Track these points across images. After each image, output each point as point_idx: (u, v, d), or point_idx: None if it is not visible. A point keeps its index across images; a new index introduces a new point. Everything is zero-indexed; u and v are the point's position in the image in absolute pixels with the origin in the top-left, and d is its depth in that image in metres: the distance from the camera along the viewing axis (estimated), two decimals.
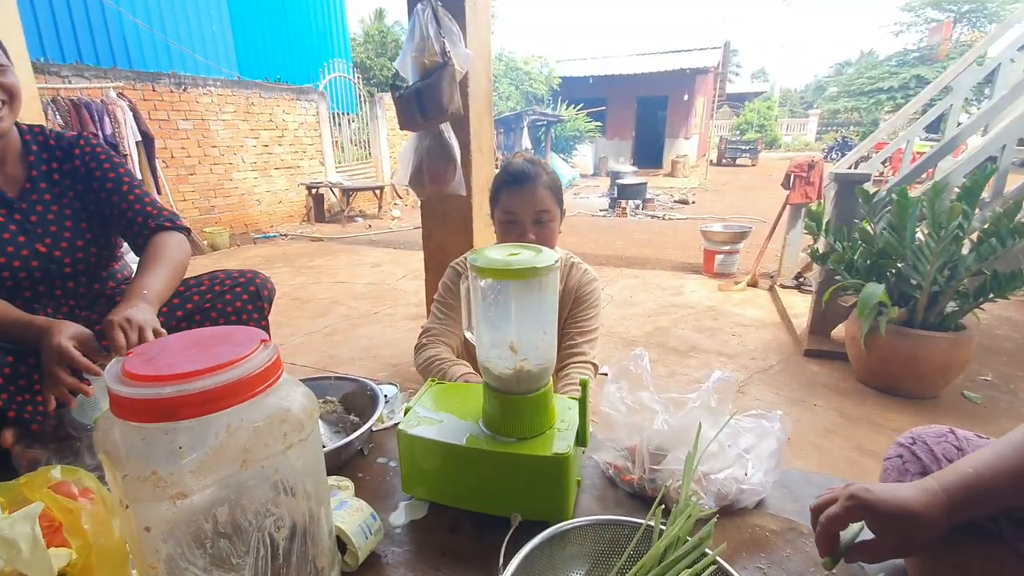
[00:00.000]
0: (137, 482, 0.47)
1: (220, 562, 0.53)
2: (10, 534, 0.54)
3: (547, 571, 0.67)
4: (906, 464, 0.70)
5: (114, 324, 0.95)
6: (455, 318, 1.39)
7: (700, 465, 0.80)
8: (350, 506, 0.76)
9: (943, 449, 0.68)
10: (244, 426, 0.52)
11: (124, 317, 0.97)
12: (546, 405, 0.81)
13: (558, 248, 1.44)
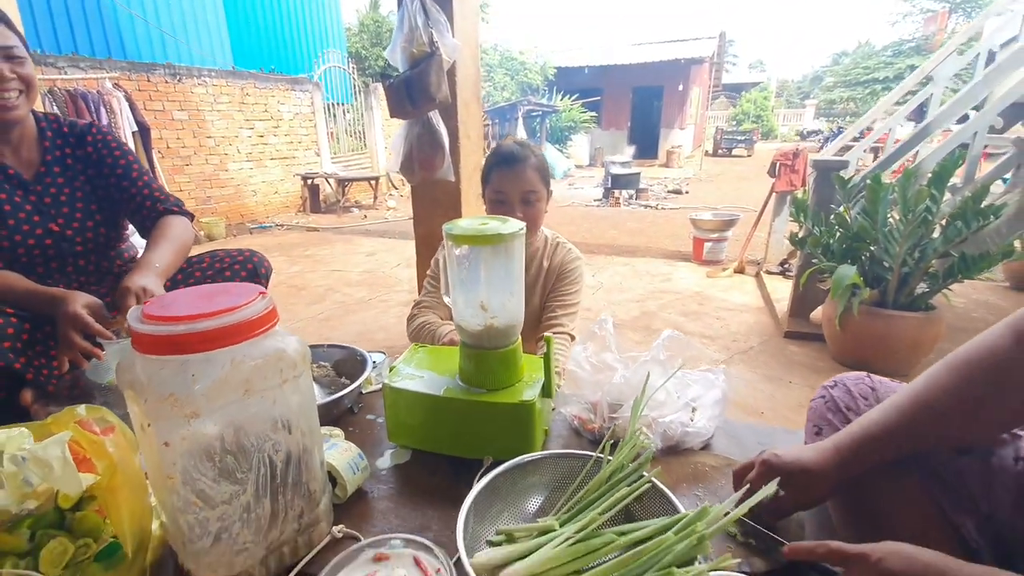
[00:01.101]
0: (157, 403, 0.57)
1: (227, 475, 0.62)
2: (43, 455, 0.63)
3: (510, 496, 0.77)
4: (827, 403, 0.80)
5: (129, 291, 1.05)
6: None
7: (650, 412, 0.90)
8: (340, 447, 0.86)
9: (859, 390, 0.78)
10: (246, 361, 0.61)
11: (139, 286, 1.06)
12: (515, 360, 0.91)
13: (545, 229, 1.53)
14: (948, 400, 0.63)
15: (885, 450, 0.66)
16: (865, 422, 0.68)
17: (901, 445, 0.66)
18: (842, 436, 0.69)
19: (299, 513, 0.71)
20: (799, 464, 0.68)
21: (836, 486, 0.68)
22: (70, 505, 0.67)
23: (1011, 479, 0.65)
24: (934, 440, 0.66)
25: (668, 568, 0.57)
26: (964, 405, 0.63)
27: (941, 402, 0.63)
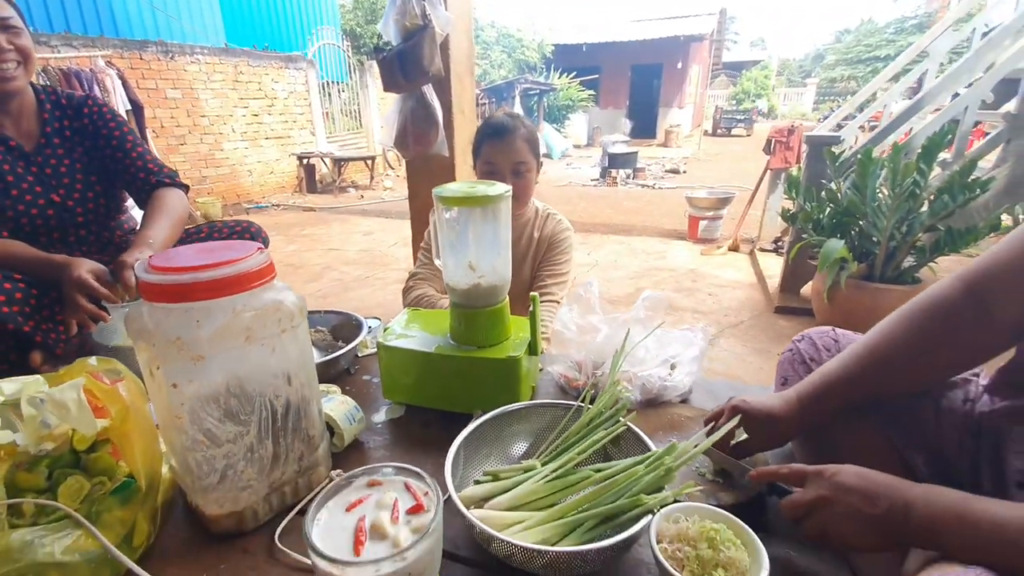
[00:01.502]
0: (165, 347, 0.61)
1: (232, 417, 0.67)
2: (60, 398, 0.67)
3: (497, 442, 0.82)
4: (794, 356, 0.85)
5: (127, 265, 1.09)
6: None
7: (631, 367, 0.95)
8: (337, 400, 0.91)
9: (824, 342, 0.83)
10: (247, 310, 0.65)
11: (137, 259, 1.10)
12: (502, 318, 0.96)
13: (535, 201, 1.56)
14: (900, 348, 0.68)
15: (843, 396, 0.71)
16: (825, 371, 0.73)
17: (858, 391, 0.71)
18: (804, 385, 0.74)
19: (299, 456, 0.76)
20: (764, 410, 0.74)
21: (798, 430, 0.74)
22: (85, 447, 0.72)
23: (959, 419, 0.70)
24: (888, 385, 0.70)
25: (637, 495, 0.62)
26: (915, 352, 0.68)
27: (894, 350, 0.68)
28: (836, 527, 0.57)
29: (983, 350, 0.66)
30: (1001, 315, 0.63)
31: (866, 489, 0.56)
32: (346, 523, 0.52)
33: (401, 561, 0.47)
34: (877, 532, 0.55)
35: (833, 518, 0.57)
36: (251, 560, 0.69)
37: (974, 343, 0.66)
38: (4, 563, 0.57)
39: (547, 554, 0.59)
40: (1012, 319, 0.62)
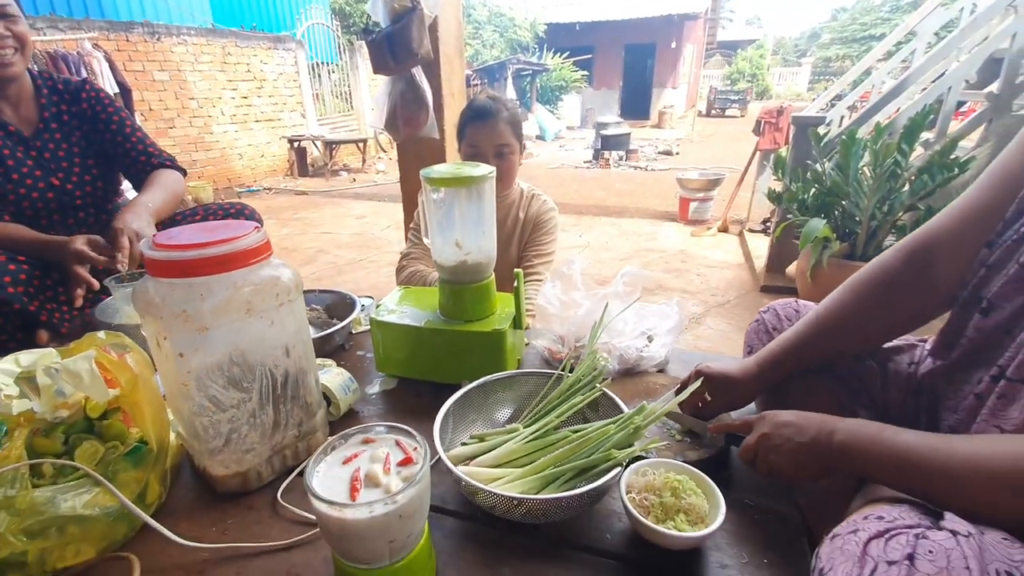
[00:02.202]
0: (171, 319, 0.66)
1: (235, 383, 0.72)
2: (74, 368, 0.72)
3: (483, 408, 0.88)
4: (759, 326, 0.91)
5: (121, 231, 1.13)
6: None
7: (610, 339, 1.00)
8: (333, 372, 0.96)
9: (786, 312, 0.89)
10: (247, 285, 0.70)
11: (131, 228, 1.14)
12: (488, 294, 1.01)
13: (520, 182, 1.60)
14: (848, 314, 0.74)
15: (798, 360, 0.77)
16: (782, 338, 0.79)
17: (811, 355, 0.77)
18: (763, 351, 0.80)
19: (298, 422, 0.82)
20: (725, 374, 0.80)
21: (757, 391, 0.80)
22: (98, 415, 0.77)
23: (903, 381, 0.77)
24: (838, 349, 0.77)
25: (608, 451, 0.69)
26: (861, 318, 0.74)
27: (842, 317, 0.74)
28: (776, 459, 0.64)
29: (921, 314, 0.72)
30: (937, 281, 0.69)
31: (797, 422, 0.63)
32: (343, 474, 0.58)
33: (392, 504, 0.53)
34: (807, 458, 0.62)
35: (773, 451, 0.65)
36: (256, 515, 0.75)
37: (912, 308, 0.72)
38: (30, 516, 0.62)
39: (526, 502, 0.65)
40: (947, 285, 0.68)
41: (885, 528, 0.47)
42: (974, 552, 0.42)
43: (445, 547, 0.68)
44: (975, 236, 0.66)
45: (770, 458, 0.65)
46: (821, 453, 0.60)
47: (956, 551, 0.42)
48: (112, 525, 0.68)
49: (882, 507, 0.53)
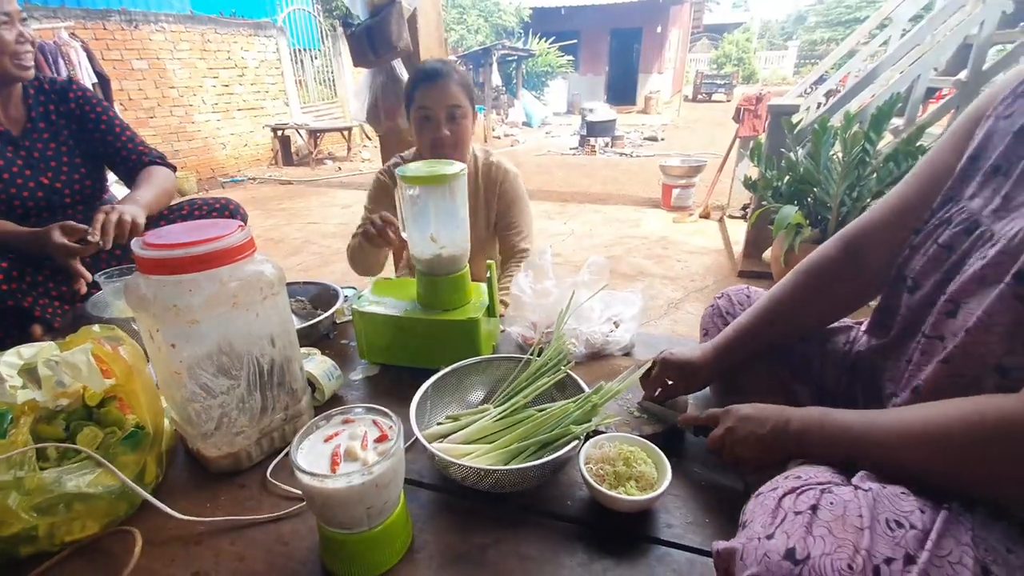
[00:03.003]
0: (163, 313, 0.72)
1: (224, 372, 0.78)
2: (73, 360, 0.78)
3: (457, 391, 0.95)
4: (714, 311, 0.98)
5: (102, 210, 1.17)
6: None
7: (578, 325, 1.07)
8: (317, 360, 1.02)
9: (738, 298, 0.97)
10: (232, 280, 0.76)
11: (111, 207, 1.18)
12: (463, 285, 1.07)
13: (475, 146, 1.57)
14: (794, 300, 0.81)
15: (750, 344, 0.85)
16: (736, 324, 0.86)
17: (761, 339, 0.84)
18: (719, 338, 0.87)
19: (284, 406, 0.88)
20: (684, 359, 0.87)
21: (714, 375, 0.87)
22: (95, 403, 0.83)
23: (839, 359, 0.84)
24: (786, 333, 0.84)
25: (567, 426, 0.76)
26: (803, 304, 0.81)
27: (789, 302, 0.81)
28: (740, 450, 0.71)
29: (857, 299, 0.80)
30: (870, 269, 0.76)
31: (757, 416, 0.70)
32: (325, 450, 0.64)
33: (368, 475, 0.60)
34: (768, 447, 0.68)
35: (738, 443, 0.71)
36: (247, 492, 0.82)
37: (850, 293, 0.80)
38: (40, 494, 0.68)
39: (494, 473, 0.72)
40: (879, 272, 0.75)
41: (799, 485, 0.55)
42: (868, 503, 0.49)
43: (421, 516, 0.75)
44: (904, 226, 0.73)
45: (736, 450, 0.71)
46: (780, 442, 0.65)
47: (853, 502, 0.50)
48: (114, 503, 0.74)
49: (802, 469, 0.61)
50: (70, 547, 0.72)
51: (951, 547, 0.45)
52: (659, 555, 0.68)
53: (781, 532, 0.48)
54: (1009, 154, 0.62)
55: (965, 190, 0.66)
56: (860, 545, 0.44)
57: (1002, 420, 0.49)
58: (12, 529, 0.68)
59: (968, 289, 0.59)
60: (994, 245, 0.58)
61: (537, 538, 0.71)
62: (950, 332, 0.61)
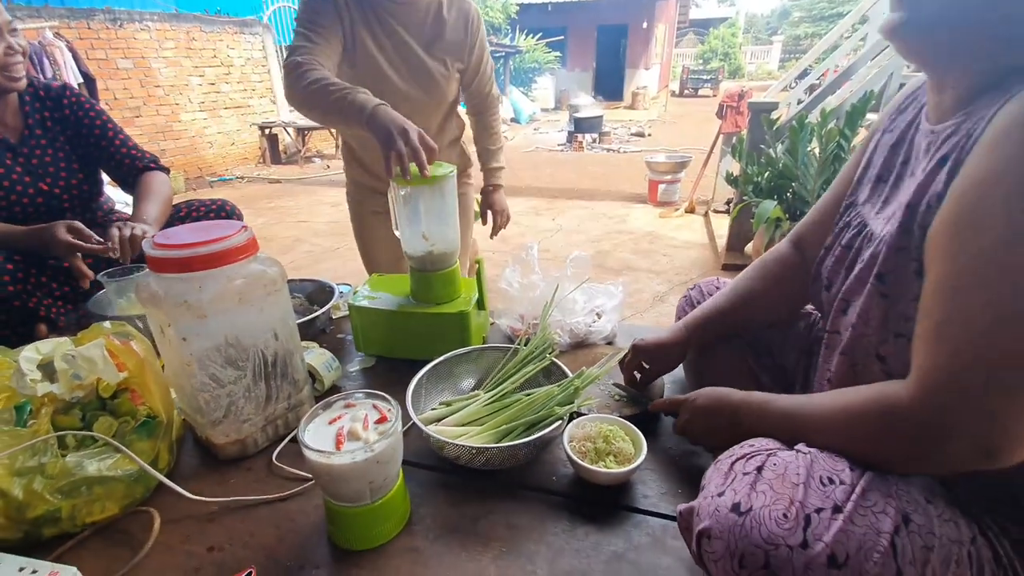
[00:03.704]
0: (174, 308, 0.77)
1: (231, 363, 0.84)
2: (88, 354, 0.83)
3: (450, 379, 1.01)
4: (687, 300, 1.05)
5: (116, 225, 1.21)
6: (330, 41, 1.24)
7: (563, 316, 1.14)
8: (317, 352, 1.08)
9: (708, 289, 1.04)
10: (238, 277, 0.81)
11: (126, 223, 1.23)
12: (453, 280, 1.13)
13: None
14: (749, 290, 0.90)
15: (717, 324, 0.92)
16: (704, 306, 0.94)
17: (726, 321, 0.92)
18: (688, 318, 0.94)
19: (287, 395, 0.94)
20: (657, 342, 0.94)
21: (684, 351, 0.94)
22: (109, 394, 0.88)
23: (799, 342, 0.92)
24: (747, 318, 0.91)
25: (552, 408, 0.82)
26: (760, 292, 0.89)
27: (745, 292, 0.90)
28: (699, 437, 0.79)
29: (805, 291, 0.87)
30: (811, 261, 0.84)
31: (710, 407, 0.76)
32: (330, 431, 0.70)
33: (370, 452, 0.66)
34: (723, 433, 0.75)
35: (698, 431, 0.78)
36: (254, 475, 0.87)
37: (799, 286, 0.87)
38: (63, 477, 0.73)
39: (485, 451, 0.79)
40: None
41: (749, 452, 0.61)
42: (806, 464, 0.56)
43: (419, 493, 0.82)
44: (828, 226, 0.81)
45: (696, 435, 0.79)
46: (732, 428, 0.72)
47: (793, 463, 0.57)
48: (132, 485, 0.79)
49: (755, 440, 0.68)
50: (91, 527, 0.78)
51: (876, 499, 0.52)
52: (636, 521, 0.75)
53: (730, 490, 0.55)
54: (888, 163, 0.71)
55: (860, 196, 0.75)
56: (795, 498, 0.52)
57: (879, 409, 0.56)
58: (37, 511, 0.73)
59: (853, 288, 0.67)
60: (870, 245, 0.65)
61: (525, 509, 0.78)
62: (844, 327, 0.68)
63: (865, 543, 0.49)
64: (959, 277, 0.51)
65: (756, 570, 0.50)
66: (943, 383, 0.51)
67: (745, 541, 0.51)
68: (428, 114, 1.46)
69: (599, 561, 0.69)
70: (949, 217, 0.53)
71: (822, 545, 0.48)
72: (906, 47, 0.61)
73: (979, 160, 0.52)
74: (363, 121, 1.03)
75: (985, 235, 0.50)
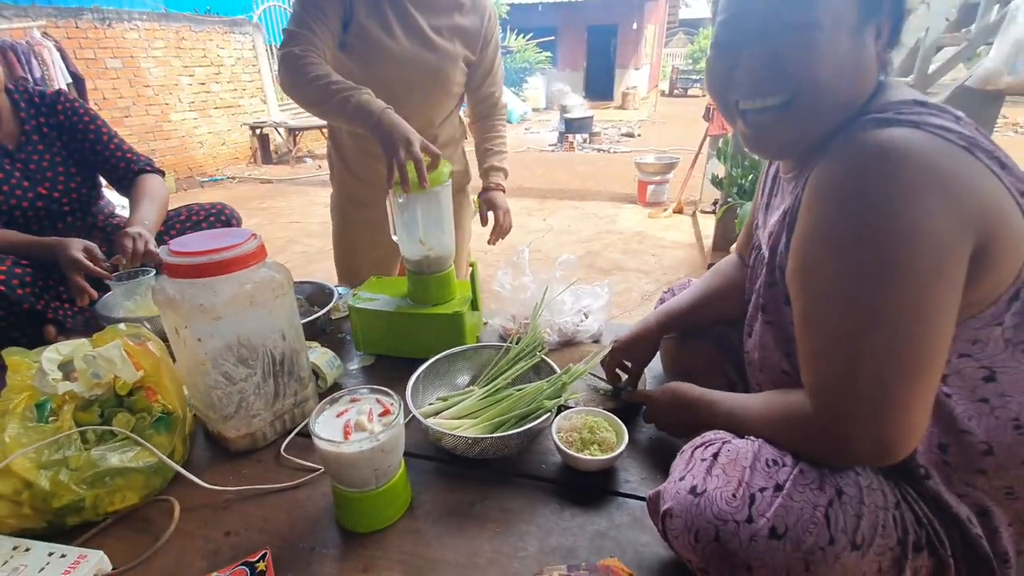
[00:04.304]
0: (190, 311, 0.83)
1: (243, 362, 0.90)
2: (107, 355, 0.88)
3: (446, 376, 1.08)
4: (663, 302, 1.13)
5: (127, 235, 1.27)
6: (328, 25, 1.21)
7: (552, 316, 1.21)
8: (320, 351, 1.14)
9: (680, 288, 1.12)
10: (249, 282, 0.87)
11: (135, 231, 1.28)
12: (449, 282, 1.20)
13: None
14: (709, 292, 0.99)
15: (683, 318, 1.01)
16: (668, 303, 1.03)
17: (689, 317, 1.01)
18: (658, 311, 1.03)
19: (294, 392, 1.00)
20: (628, 338, 1.02)
21: (655, 344, 1.03)
22: (126, 392, 0.93)
23: None
24: (707, 315, 1.00)
25: (541, 402, 0.89)
26: (717, 296, 0.99)
27: (707, 290, 1.00)
28: (663, 426, 0.88)
29: None
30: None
31: (670, 401, 0.85)
32: (338, 423, 0.77)
33: (375, 441, 0.72)
34: (684, 426, 0.84)
35: (660, 421, 0.88)
36: (264, 467, 0.93)
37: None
38: (88, 468, 0.79)
39: (480, 441, 0.85)
40: None
41: (708, 440, 0.69)
42: (755, 449, 0.64)
43: (419, 481, 0.88)
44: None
45: (661, 425, 0.89)
46: (692, 421, 0.80)
47: (744, 449, 0.64)
48: (151, 476, 0.85)
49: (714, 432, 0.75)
50: (112, 516, 0.83)
51: (812, 476, 0.59)
52: (618, 504, 0.82)
53: (690, 475, 0.63)
54: (770, 193, 0.82)
55: (759, 219, 0.86)
56: (743, 479, 0.59)
57: (795, 419, 0.64)
58: (63, 500, 0.79)
59: (752, 314, 0.78)
60: (759, 277, 0.75)
61: (517, 495, 0.85)
62: (753, 348, 0.78)
63: (802, 516, 0.56)
64: (812, 310, 0.62)
65: (708, 543, 0.58)
66: (833, 397, 0.60)
67: (700, 518, 0.58)
68: (432, 103, 1.44)
69: (584, 539, 0.76)
70: (793, 264, 0.64)
71: (764, 520, 0.56)
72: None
73: (803, 219, 0.63)
74: (369, 125, 1.08)
75: (819, 275, 0.60)
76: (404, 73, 1.34)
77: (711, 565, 0.58)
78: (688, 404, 0.81)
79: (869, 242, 0.56)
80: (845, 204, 0.57)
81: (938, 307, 0.55)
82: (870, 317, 0.56)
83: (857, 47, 0.62)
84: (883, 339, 0.56)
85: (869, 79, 0.65)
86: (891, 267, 0.55)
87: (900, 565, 0.59)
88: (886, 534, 0.58)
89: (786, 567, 0.55)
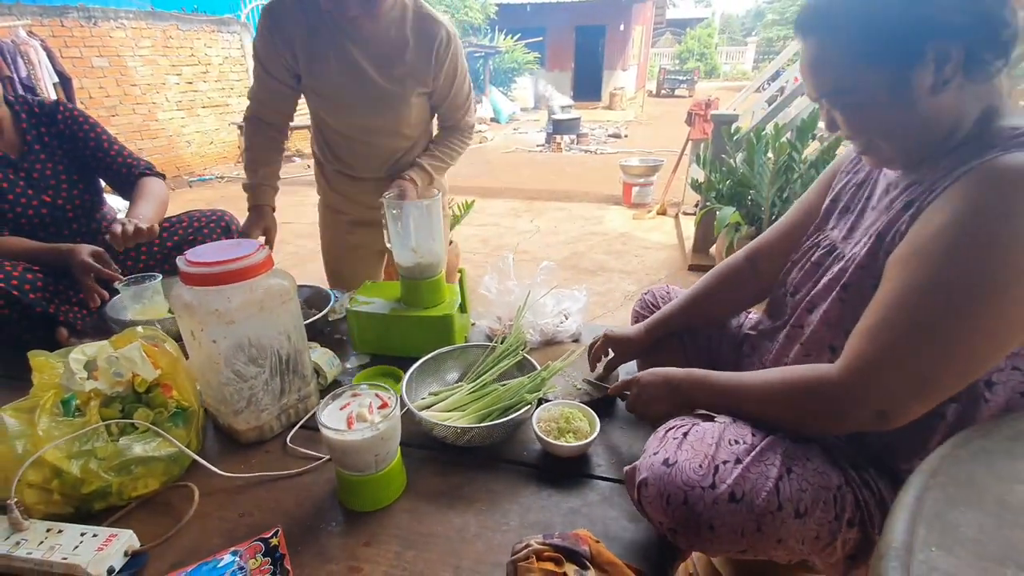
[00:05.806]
0: (206, 316, 0.92)
1: (252, 361, 0.99)
2: (129, 355, 0.97)
3: (437, 373, 1.18)
4: (641, 304, 1.24)
5: (116, 222, 1.35)
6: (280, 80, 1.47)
7: (534, 317, 1.32)
8: (320, 351, 1.23)
9: (660, 293, 1.23)
10: (259, 289, 0.97)
11: (122, 219, 1.36)
12: (439, 287, 1.30)
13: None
14: (706, 295, 1.09)
15: (674, 325, 1.11)
16: (664, 311, 1.13)
17: (679, 322, 1.11)
18: (649, 321, 1.13)
19: (298, 388, 1.09)
20: (624, 335, 1.13)
21: (643, 349, 1.13)
22: (144, 389, 1.02)
23: (730, 337, 1.12)
24: (698, 318, 1.11)
25: (522, 395, 1.00)
26: (715, 299, 1.08)
27: (703, 297, 1.09)
28: (645, 408, 0.97)
29: (755, 298, 1.08)
30: (763, 276, 1.03)
31: (654, 381, 0.95)
32: (341, 415, 0.86)
33: (375, 430, 0.82)
34: (665, 403, 0.93)
35: (643, 402, 0.96)
36: (272, 455, 1.03)
37: (749, 293, 1.07)
38: (115, 457, 0.88)
39: (469, 431, 0.96)
40: (769, 279, 1.02)
41: (679, 424, 0.80)
42: (720, 430, 0.75)
43: (414, 466, 0.98)
44: (786, 248, 1.00)
45: (644, 407, 0.96)
46: (673, 397, 0.90)
47: (711, 430, 0.75)
48: (170, 465, 0.94)
49: (683, 417, 0.86)
50: (135, 501, 0.92)
51: (769, 456, 0.71)
52: (591, 485, 0.93)
53: (663, 450, 0.74)
54: (854, 198, 0.90)
55: (828, 223, 0.93)
56: (709, 454, 0.70)
57: (812, 381, 0.73)
58: (92, 487, 0.88)
59: (820, 294, 0.86)
60: (839, 262, 0.84)
61: (501, 478, 0.95)
62: (807, 324, 0.87)
63: (757, 484, 0.67)
64: (896, 297, 0.68)
65: (678, 506, 0.68)
66: (866, 365, 0.68)
67: (671, 485, 0.69)
68: (393, 141, 1.56)
69: (559, 515, 0.87)
70: (904, 249, 0.70)
71: (725, 486, 0.67)
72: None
73: (934, 211, 0.67)
74: None
75: (920, 272, 0.65)
76: (357, 120, 1.53)
77: (680, 525, 0.68)
78: (673, 383, 0.90)
79: (987, 258, 0.61)
80: (979, 216, 0.62)
81: (1015, 331, 0.63)
82: (956, 321, 0.62)
83: (906, 94, 0.67)
84: (955, 340, 0.63)
85: (945, 107, 0.68)
86: (996, 287, 0.60)
87: (833, 535, 0.71)
88: (826, 509, 0.69)
89: (742, 526, 0.66)
